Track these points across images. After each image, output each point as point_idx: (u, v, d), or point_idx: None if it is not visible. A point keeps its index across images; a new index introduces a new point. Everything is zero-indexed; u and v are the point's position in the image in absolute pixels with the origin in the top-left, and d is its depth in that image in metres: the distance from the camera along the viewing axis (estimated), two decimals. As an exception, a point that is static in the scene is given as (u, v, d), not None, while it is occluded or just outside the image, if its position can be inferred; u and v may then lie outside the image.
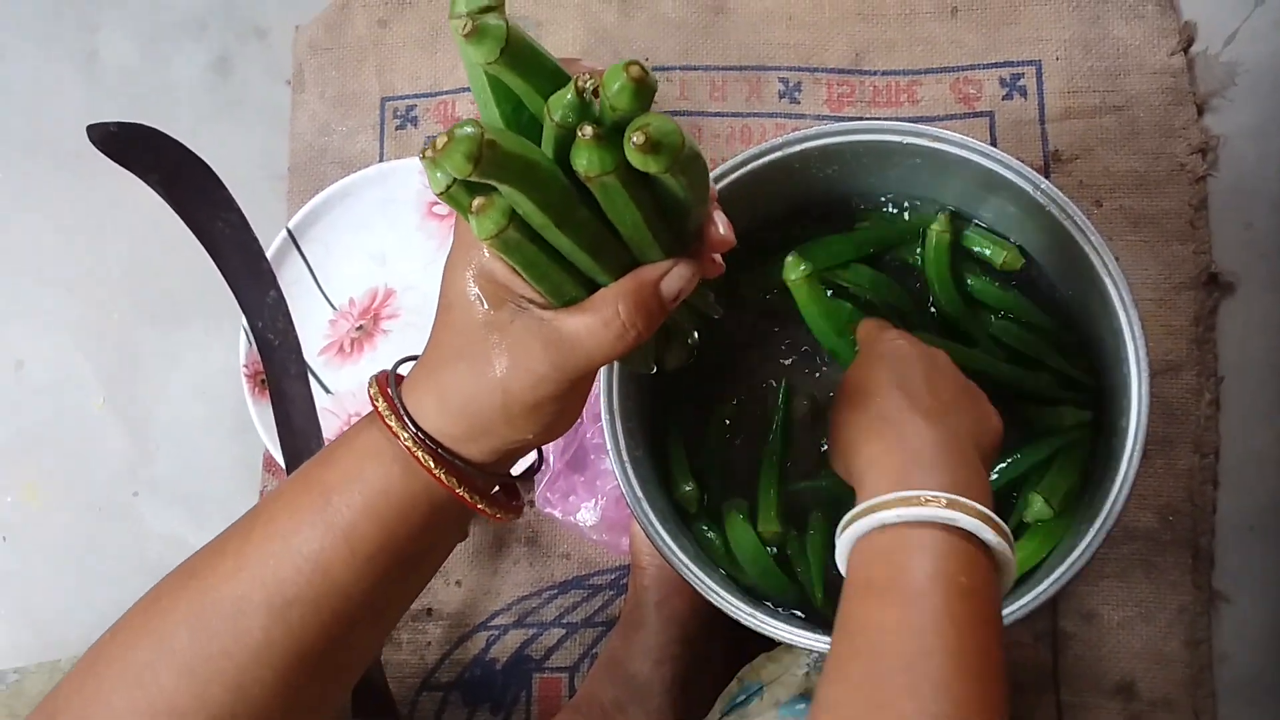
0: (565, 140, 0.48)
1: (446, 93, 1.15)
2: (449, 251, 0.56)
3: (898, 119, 0.93)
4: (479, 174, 0.45)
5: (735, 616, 0.79)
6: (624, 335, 0.53)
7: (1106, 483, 0.78)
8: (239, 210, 1.06)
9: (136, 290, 1.19)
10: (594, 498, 0.98)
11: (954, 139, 0.82)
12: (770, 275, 0.90)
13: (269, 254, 1.08)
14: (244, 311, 1.06)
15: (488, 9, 0.45)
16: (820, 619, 0.84)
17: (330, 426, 1.06)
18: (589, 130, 0.46)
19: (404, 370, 0.60)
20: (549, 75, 0.48)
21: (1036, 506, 0.84)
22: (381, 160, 1.14)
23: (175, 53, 1.24)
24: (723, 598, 0.79)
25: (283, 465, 1.04)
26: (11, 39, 1.26)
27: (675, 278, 0.54)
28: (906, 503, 0.59)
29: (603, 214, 0.51)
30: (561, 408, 0.56)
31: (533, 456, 0.65)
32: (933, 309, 0.91)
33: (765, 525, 0.87)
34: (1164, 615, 0.97)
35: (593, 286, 0.54)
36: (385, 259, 1.10)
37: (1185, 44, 1.05)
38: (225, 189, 1.06)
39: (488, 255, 0.53)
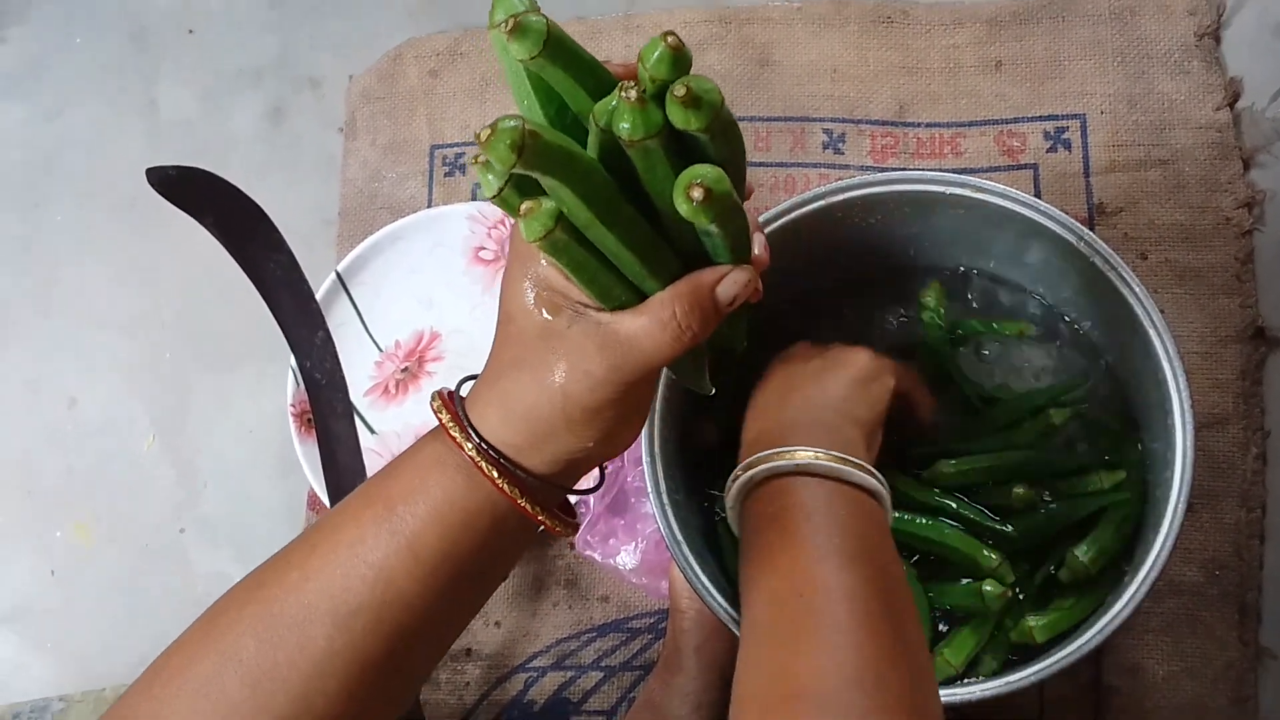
0: (609, 145, 0.49)
1: (496, 140, 1.17)
2: (505, 266, 0.57)
3: (942, 171, 0.93)
4: (523, 164, 0.45)
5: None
6: (680, 336, 0.54)
7: (1150, 536, 0.78)
8: (290, 252, 1.08)
9: (188, 333, 1.22)
10: (634, 540, 0.99)
11: (997, 190, 0.83)
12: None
13: (318, 296, 1.09)
14: (292, 350, 1.07)
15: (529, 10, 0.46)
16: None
17: (374, 466, 1.07)
18: (632, 93, 0.46)
19: (465, 390, 0.60)
20: (589, 69, 0.49)
21: (1074, 565, 0.84)
22: (429, 206, 1.16)
23: (232, 102, 1.27)
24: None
25: (326, 503, 1.05)
26: (74, 89, 1.30)
27: (731, 282, 0.55)
28: (773, 457, 0.67)
29: (649, 214, 0.52)
30: (620, 413, 0.56)
31: (594, 476, 0.65)
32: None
33: None
34: (1210, 671, 0.96)
35: (642, 294, 0.55)
36: (432, 303, 1.12)
37: (1231, 99, 1.05)
38: (277, 231, 1.08)
39: (543, 264, 0.54)
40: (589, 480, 0.65)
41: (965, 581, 0.85)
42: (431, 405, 0.58)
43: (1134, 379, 0.87)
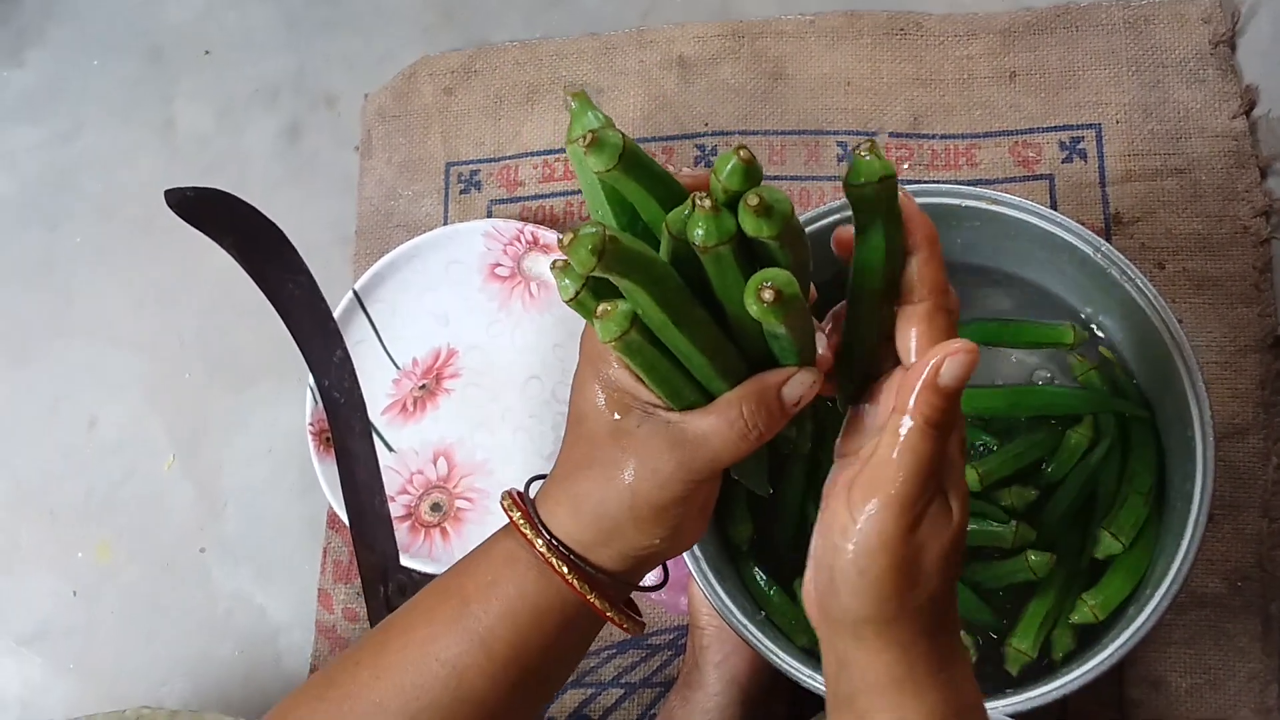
0: (680, 251, 0.51)
1: (509, 158, 1.18)
2: (576, 369, 0.58)
3: (957, 182, 0.93)
4: (603, 267, 0.47)
5: (794, 678, 0.79)
6: (747, 435, 0.54)
7: (1172, 547, 0.78)
8: (308, 272, 1.09)
9: (207, 352, 1.22)
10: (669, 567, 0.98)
11: (1013, 202, 0.83)
12: None
13: (335, 314, 1.10)
14: (311, 370, 1.08)
15: (605, 126, 0.49)
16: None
17: (392, 484, 1.08)
18: (707, 202, 0.48)
19: (535, 489, 0.61)
20: (660, 180, 0.51)
21: (1106, 542, 0.84)
22: (445, 223, 1.17)
23: (248, 121, 1.28)
24: (781, 659, 0.79)
25: (345, 521, 1.05)
26: (92, 108, 1.31)
27: (797, 383, 0.55)
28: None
29: (718, 317, 0.53)
30: (686, 511, 0.56)
31: (659, 572, 0.65)
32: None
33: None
34: (1233, 683, 0.95)
35: (710, 395, 0.56)
36: (449, 320, 1.12)
37: (1247, 107, 1.05)
38: (295, 251, 1.09)
39: (614, 366, 0.55)
40: (654, 576, 0.65)
41: (1008, 560, 0.86)
42: (502, 504, 0.59)
43: (1153, 390, 0.87)
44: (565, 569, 0.56)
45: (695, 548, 0.82)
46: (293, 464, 1.16)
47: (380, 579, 1.03)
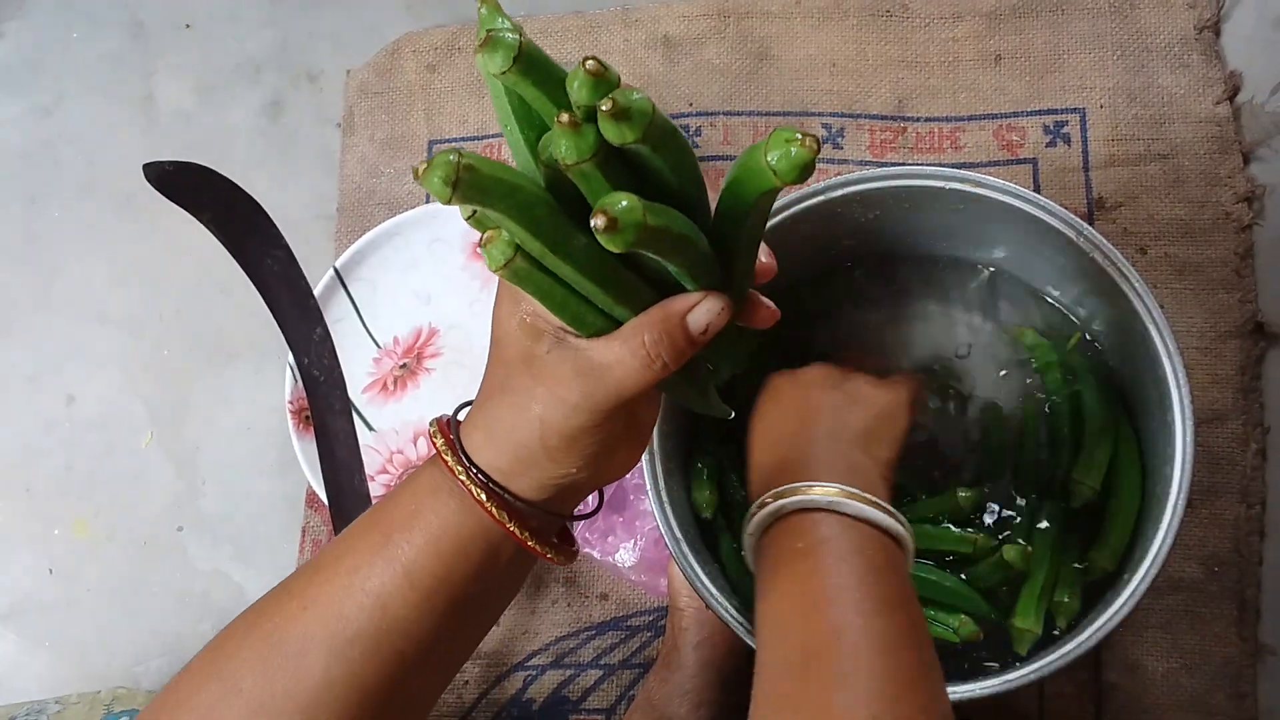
0: (557, 176, 0.49)
1: (493, 135, 1.17)
2: (497, 291, 0.57)
3: (940, 165, 0.93)
4: (459, 198, 0.45)
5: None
6: (650, 365, 0.53)
7: (1150, 532, 0.78)
8: (287, 247, 1.08)
9: (187, 329, 1.21)
10: (633, 538, 0.99)
11: (996, 185, 0.83)
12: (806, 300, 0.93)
13: (316, 292, 1.09)
14: (290, 347, 1.07)
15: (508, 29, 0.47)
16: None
17: (373, 463, 1.07)
18: (565, 117, 0.46)
19: (464, 415, 0.60)
20: (562, 85, 0.48)
21: (1079, 489, 0.85)
22: (428, 202, 1.16)
23: (230, 97, 1.26)
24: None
25: (325, 500, 1.05)
26: (72, 83, 1.30)
27: (704, 311, 0.54)
28: (791, 493, 0.65)
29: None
30: (601, 440, 0.55)
31: (593, 499, 0.65)
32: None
33: None
34: (1209, 667, 0.96)
35: (619, 321, 0.54)
36: (430, 298, 1.11)
37: (1231, 93, 1.05)
38: (275, 226, 1.08)
39: None
40: (588, 504, 0.64)
41: (983, 562, 0.86)
42: (429, 430, 0.58)
43: (1133, 374, 0.87)
44: (484, 497, 0.55)
45: (675, 527, 0.82)
46: (272, 443, 1.16)
47: (359, 558, 1.03)
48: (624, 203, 0.45)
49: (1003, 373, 0.92)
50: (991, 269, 0.93)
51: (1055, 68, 1.08)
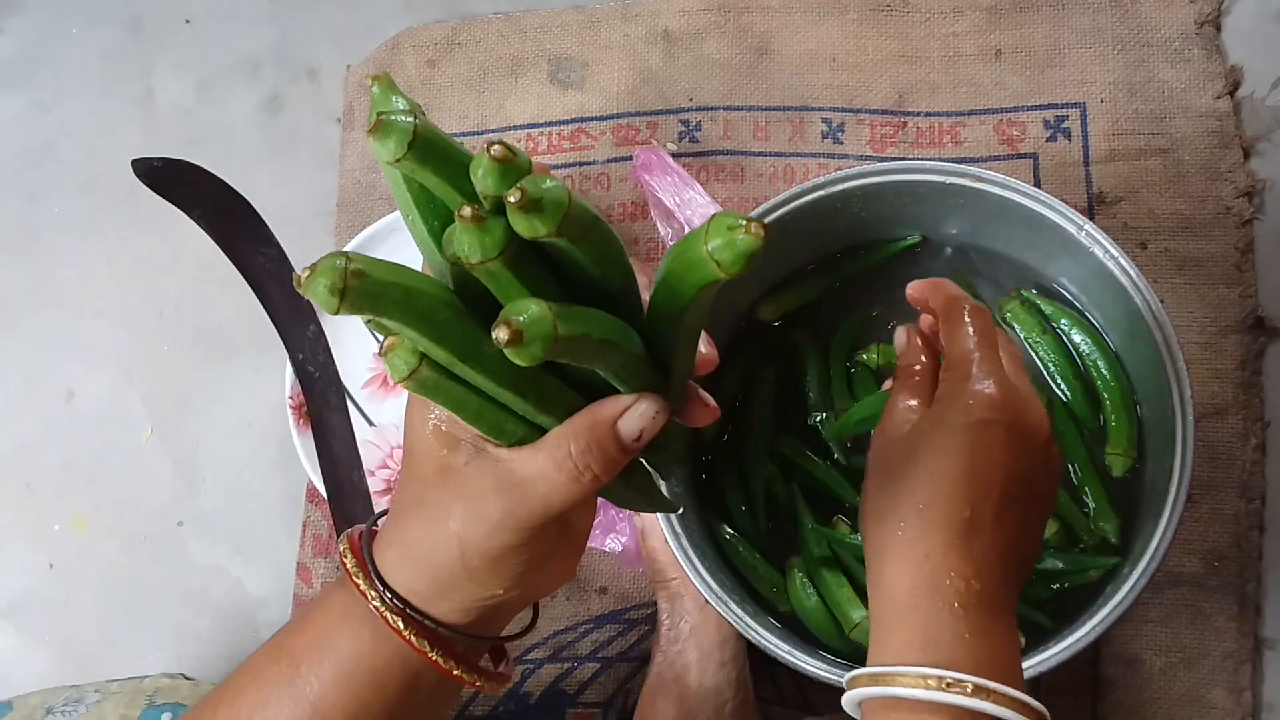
0: (463, 273, 0.44)
1: (492, 130, 1.17)
2: (409, 396, 0.52)
3: (941, 160, 0.93)
4: (347, 308, 0.40)
5: (781, 659, 0.79)
6: (578, 479, 0.47)
7: (1150, 526, 0.78)
8: (278, 245, 1.08)
9: (186, 325, 1.21)
10: (635, 530, 0.98)
11: (997, 180, 0.83)
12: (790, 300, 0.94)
13: (316, 287, 1.09)
14: (285, 344, 1.07)
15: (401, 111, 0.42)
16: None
17: (373, 458, 1.07)
18: (467, 211, 0.40)
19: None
20: (464, 172, 0.43)
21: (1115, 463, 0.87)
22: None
23: (229, 93, 1.26)
24: (763, 637, 0.79)
25: (324, 494, 1.05)
26: (71, 79, 1.30)
27: (636, 416, 0.48)
28: (924, 682, 0.51)
29: None
30: (529, 559, 0.50)
31: (527, 615, 0.59)
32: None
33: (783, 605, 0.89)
34: (1208, 662, 0.96)
35: (542, 428, 0.49)
36: (430, 294, 1.11)
37: (1231, 88, 1.05)
38: (265, 224, 1.08)
39: None
40: (521, 622, 0.59)
41: None
42: (339, 549, 0.53)
43: (1133, 369, 0.87)
44: (401, 624, 0.50)
45: (677, 525, 0.82)
46: (272, 438, 1.16)
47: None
48: (531, 310, 0.40)
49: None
50: (991, 261, 0.93)
51: (1056, 62, 1.08)
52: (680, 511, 0.62)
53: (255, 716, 0.50)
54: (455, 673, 0.51)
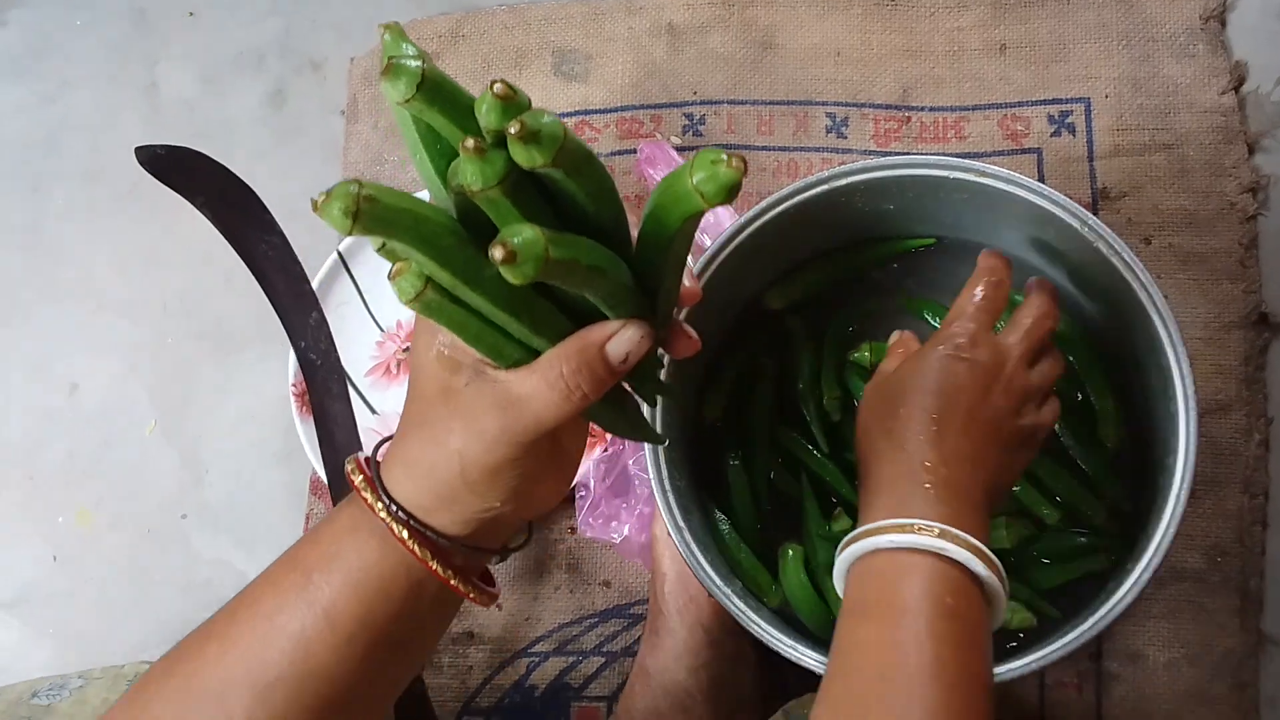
0: (468, 204, 0.48)
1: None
2: (415, 325, 0.56)
3: (945, 155, 0.93)
4: (360, 229, 0.44)
5: (787, 655, 0.79)
6: (569, 397, 0.52)
7: (1153, 522, 0.78)
8: (281, 233, 1.08)
9: (190, 317, 1.21)
10: (635, 520, 0.98)
11: (1001, 174, 0.82)
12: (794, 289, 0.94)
13: (320, 276, 1.10)
14: (287, 332, 1.07)
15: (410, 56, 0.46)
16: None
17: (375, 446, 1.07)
18: (470, 143, 0.44)
19: (383, 453, 0.59)
20: (469, 113, 0.47)
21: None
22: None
23: (233, 85, 1.26)
24: (764, 630, 0.79)
25: (325, 481, 1.06)
26: (75, 71, 1.30)
27: (623, 340, 0.53)
28: (901, 529, 0.62)
29: None
30: (524, 473, 0.55)
31: (523, 533, 0.64)
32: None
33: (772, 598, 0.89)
34: (1210, 658, 0.96)
35: (537, 351, 0.53)
36: (435, 283, 1.11)
37: (1236, 83, 1.05)
38: (268, 212, 1.08)
39: None
40: (516, 538, 0.63)
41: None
42: (346, 468, 0.58)
43: (1137, 365, 0.87)
44: (405, 534, 0.54)
45: (679, 517, 0.82)
46: (276, 431, 1.16)
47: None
48: (525, 234, 0.44)
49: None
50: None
51: (1060, 57, 1.08)
52: (666, 444, 0.66)
53: (272, 619, 0.54)
54: (452, 582, 0.56)
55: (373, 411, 1.09)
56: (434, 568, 0.55)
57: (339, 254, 1.10)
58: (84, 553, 1.18)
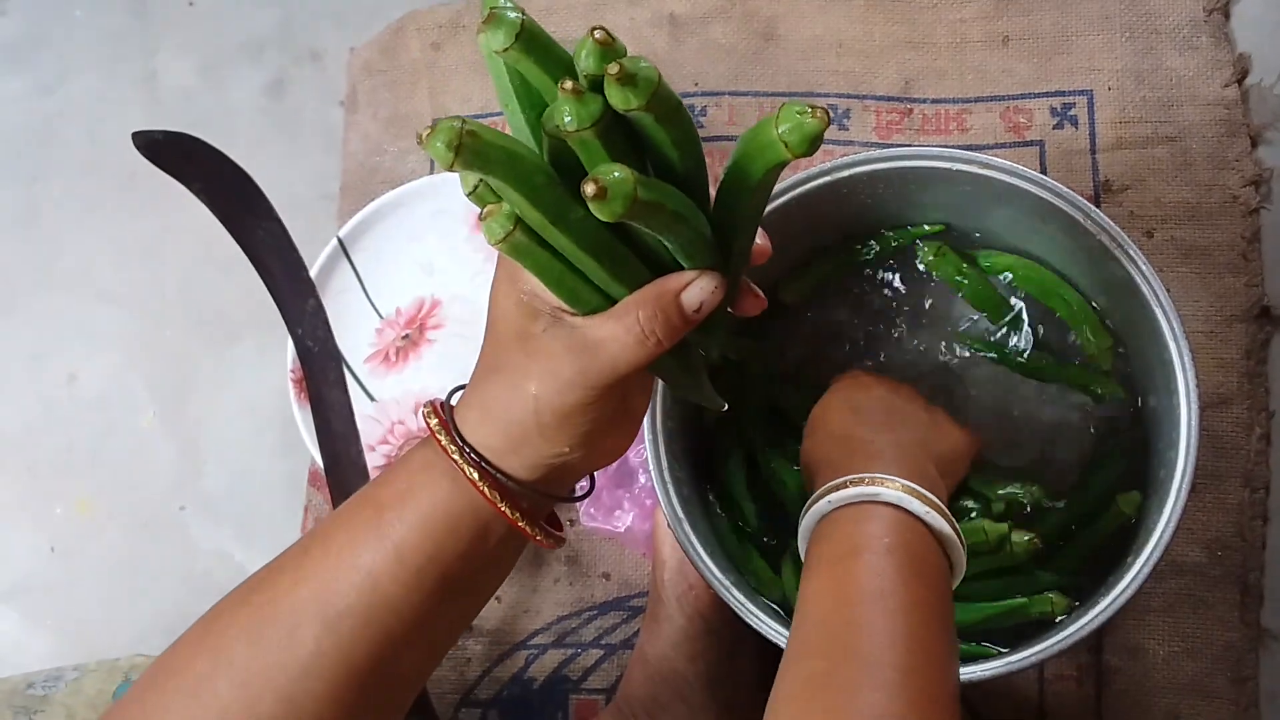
0: (559, 148, 0.50)
1: (497, 114, 1.16)
2: (494, 273, 0.58)
3: (947, 147, 0.93)
4: (461, 163, 0.46)
5: (779, 643, 0.79)
6: (644, 342, 0.53)
7: (1154, 516, 0.78)
8: (279, 219, 1.08)
9: (189, 308, 1.21)
10: (639, 511, 0.98)
11: (1003, 166, 0.82)
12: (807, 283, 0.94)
13: (319, 262, 1.09)
14: (285, 318, 1.07)
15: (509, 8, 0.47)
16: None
17: (373, 434, 1.07)
18: (569, 84, 0.46)
19: (456, 399, 0.61)
20: (564, 66, 0.49)
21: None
22: (432, 173, 1.15)
23: (232, 75, 1.26)
24: (762, 621, 0.79)
25: (321, 468, 1.06)
26: (74, 61, 1.29)
27: (697, 289, 0.54)
28: (858, 483, 0.65)
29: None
30: (595, 419, 0.56)
31: (584, 483, 0.65)
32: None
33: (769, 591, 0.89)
34: (1210, 651, 0.96)
35: (614, 299, 0.55)
36: (433, 269, 1.11)
37: (1240, 76, 1.04)
38: (265, 198, 1.08)
39: (525, 270, 0.54)
40: (580, 488, 0.65)
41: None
42: (422, 411, 0.59)
43: (1138, 358, 0.86)
44: (475, 476, 0.56)
45: (680, 509, 0.82)
46: (274, 422, 1.15)
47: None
48: (616, 173, 0.46)
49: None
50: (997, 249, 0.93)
51: (1063, 49, 1.08)
52: (725, 408, 0.67)
53: (344, 553, 0.56)
54: (520, 524, 0.58)
55: (371, 399, 1.09)
56: (501, 508, 0.56)
57: (339, 240, 1.10)
58: (82, 544, 1.17)
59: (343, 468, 1.04)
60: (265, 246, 1.07)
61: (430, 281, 1.11)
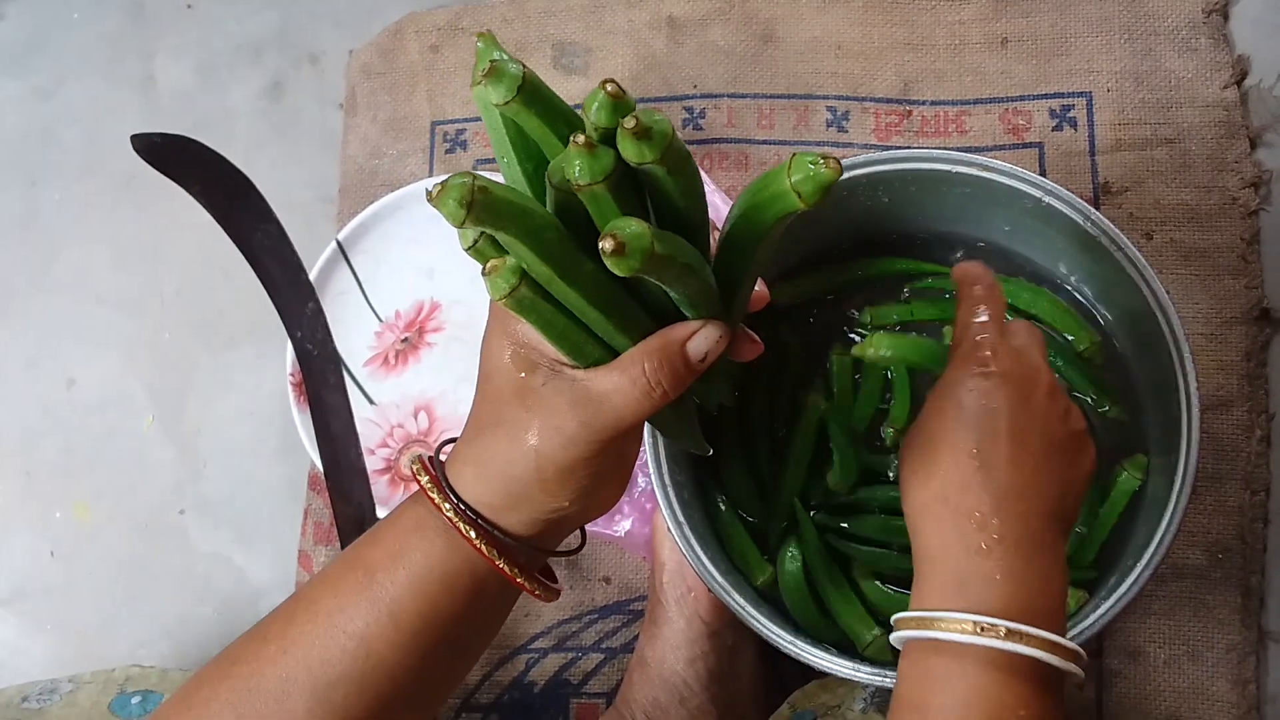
0: (567, 202, 0.49)
1: (496, 117, 1.16)
2: (486, 325, 0.57)
3: (946, 149, 0.93)
4: (472, 220, 0.45)
5: (787, 651, 0.79)
6: (650, 393, 0.53)
7: (1154, 518, 0.77)
8: (277, 222, 1.08)
9: (188, 312, 1.21)
10: (637, 514, 0.98)
11: (1003, 168, 0.82)
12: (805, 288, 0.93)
13: (318, 265, 1.09)
14: (284, 322, 1.07)
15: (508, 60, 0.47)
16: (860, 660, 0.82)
17: (373, 437, 1.07)
18: (581, 138, 0.46)
19: (446, 453, 0.60)
20: (564, 119, 0.49)
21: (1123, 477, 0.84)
22: (431, 175, 1.16)
23: (231, 78, 1.26)
24: (763, 624, 0.79)
25: (320, 471, 1.05)
26: (72, 64, 1.29)
27: (702, 339, 0.54)
28: (961, 626, 0.57)
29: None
30: (596, 473, 0.55)
31: (575, 537, 0.64)
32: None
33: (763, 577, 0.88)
34: (1212, 654, 0.96)
35: (616, 351, 0.54)
36: (433, 273, 1.11)
37: (1239, 77, 1.04)
38: (264, 201, 1.07)
39: (522, 322, 0.54)
40: (571, 542, 0.64)
41: None
42: (411, 468, 0.58)
43: (1139, 361, 0.86)
44: (473, 534, 0.55)
45: (680, 512, 0.82)
46: (274, 426, 1.15)
47: (357, 530, 1.03)
48: (634, 227, 0.45)
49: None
50: (997, 251, 0.93)
51: (1062, 51, 1.08)
52: (710, 453, 0.69)
53: (333, 619, 0.55)
54: (518, 580, 0.57)
55: (370, 402, 1.09)
56: (501, 566, 0.56)
57: (338, 243, 1.09)
58: (81, 548, 1.17)
59: (342, 471, 1.04)
60: (264, 249, 1.07)
61: (430, 284, 1.11)
